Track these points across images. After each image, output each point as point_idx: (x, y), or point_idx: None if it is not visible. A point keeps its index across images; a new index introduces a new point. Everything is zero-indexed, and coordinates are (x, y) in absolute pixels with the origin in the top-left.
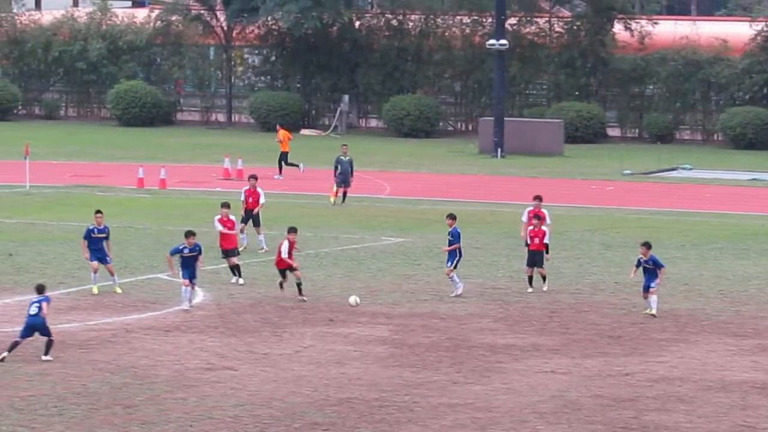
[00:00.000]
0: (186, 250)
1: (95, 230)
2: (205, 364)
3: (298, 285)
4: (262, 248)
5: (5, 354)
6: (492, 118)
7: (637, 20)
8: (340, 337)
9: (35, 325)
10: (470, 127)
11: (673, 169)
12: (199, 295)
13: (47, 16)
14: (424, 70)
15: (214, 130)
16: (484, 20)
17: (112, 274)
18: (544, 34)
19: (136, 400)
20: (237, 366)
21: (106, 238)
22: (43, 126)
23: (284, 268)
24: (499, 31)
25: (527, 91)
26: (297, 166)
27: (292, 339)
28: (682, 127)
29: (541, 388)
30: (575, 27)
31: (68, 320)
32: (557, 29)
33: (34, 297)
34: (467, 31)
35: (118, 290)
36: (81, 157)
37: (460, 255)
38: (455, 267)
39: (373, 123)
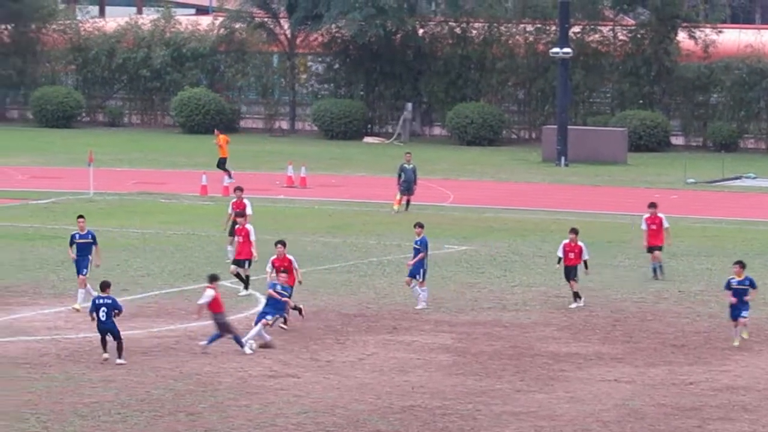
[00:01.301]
0: (278, 287)
1: (77, 236)
2: (268, 372)
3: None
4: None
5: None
6: (555, 126)
7: (702, 29)
8: (403, 345)
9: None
10: (533, 135)
11: (737, 178)
12: (262, 303)
13: (111, 24)
14: (488, 78)
15: (277, 138)
16: (547, 28)
17: (83, 287)
18: (608, 42)
19: (200, 407)
20: (300, 373)
21: (93, 243)
22: (106, 133)
23: None
24: (563, 39)
25: (591, 99)
26: (229, 174)
27: (355, 347)
28: (747, 136)
29: (604, 397)
30: (639, 35)
31: (131, 327)
32: (621, 37)
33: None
34: (531, 39)
35: (78, 307)
36: (144, 164)
37: (426, 266)
38: (424, 279)
39: (437, 131)
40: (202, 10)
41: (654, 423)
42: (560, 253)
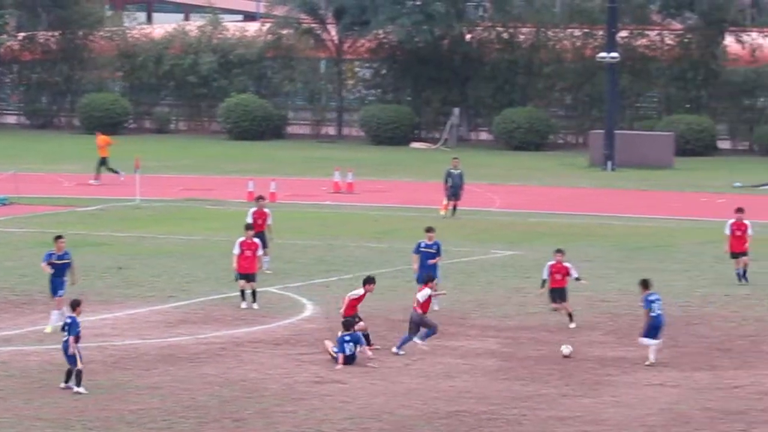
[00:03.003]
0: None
1: (55, 256)
2: (314, 377)
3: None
4: (267, 269)
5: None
6: (602, 131)
7: (749, 33)
8: (449, 350)
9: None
10: (580, 140)
11: None
12: (308, 308)
13: (158, 30)
14: (535, 83)
15: (325, 144)
16: (595, 33)
17: (58, 308)
18: (655, 46)
19: (245, 413)
20: (346, 379)
21: (69, 264)
22: (153, 140)
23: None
24: (611, 44)
25: (638, 104)
26: (117, 172)
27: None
28: None
29: (650, 401)
30: (686, 40)
31: (178, 334)
32: (668, 42)
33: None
34: (578, 43)
35: (48, 329)
36: (191, 170)
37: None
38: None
39: (484, 136)
40: (249, 17)
41: (700, 427)
42: (545, 275)
